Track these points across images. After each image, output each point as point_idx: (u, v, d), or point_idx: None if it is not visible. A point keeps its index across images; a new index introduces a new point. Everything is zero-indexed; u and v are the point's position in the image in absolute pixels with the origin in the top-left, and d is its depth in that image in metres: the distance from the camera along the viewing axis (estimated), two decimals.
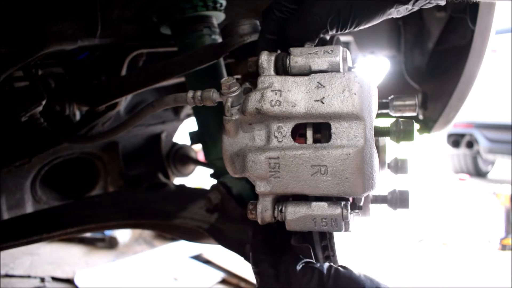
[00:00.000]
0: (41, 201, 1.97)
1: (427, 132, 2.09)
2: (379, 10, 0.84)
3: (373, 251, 4.30)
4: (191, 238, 1.65)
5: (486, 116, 6.97)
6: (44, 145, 1.61)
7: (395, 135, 0.87)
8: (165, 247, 4.27)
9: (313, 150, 0.81)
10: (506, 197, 4.69)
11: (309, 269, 0.85)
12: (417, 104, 0.95)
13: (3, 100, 1.32)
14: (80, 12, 1.21)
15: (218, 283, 3.55)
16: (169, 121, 2.36)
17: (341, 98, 0.80)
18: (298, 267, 0.86)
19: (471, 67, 1.72)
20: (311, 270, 0.84)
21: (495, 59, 6.55)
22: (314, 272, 0.83)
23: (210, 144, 1.47)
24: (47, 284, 3.52)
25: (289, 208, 0.86)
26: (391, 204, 1.06)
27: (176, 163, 2.36)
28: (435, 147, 8.37)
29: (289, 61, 0.85)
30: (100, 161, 2.14)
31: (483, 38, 1.63)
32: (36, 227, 1.52)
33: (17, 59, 1.15)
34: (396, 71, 2.29)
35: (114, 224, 1.65)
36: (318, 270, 0.84)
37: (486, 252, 4.32)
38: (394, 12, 0.85)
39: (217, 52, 1.20)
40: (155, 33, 1.41)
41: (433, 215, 5.24)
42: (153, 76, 1.30)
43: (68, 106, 1.56)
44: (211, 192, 1.40)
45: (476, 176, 7.56)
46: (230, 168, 0.91)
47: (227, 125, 0.88)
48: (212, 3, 1.32)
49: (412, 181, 6.37)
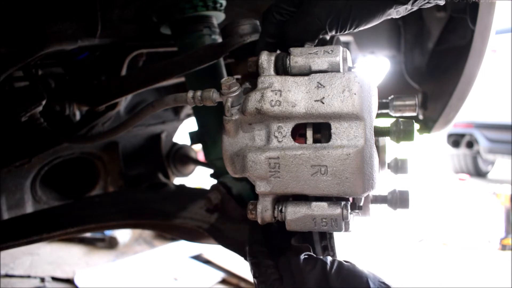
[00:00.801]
0: (41, 201, 1.97)
1: (427, 132, 2.09)
2: (378, 11, 0.84)
3: (373, 251, 4.30)
4: (191, 238, 1.65)
5: (486, 116, 6.97)
6: (44, 145, 1.61)
7: (395, 135, 0.87)
8: (165, 247, 4.27)
9: (313, 150, 0.81)
10: (506, 197, 4.69)
11: (313, 260, 0.85)
12: (417, 104, 0.95)
13: (3, 100, 1.31)
14: (80, 12, 1.21)
15: (218, 283, 3.55)
16: (169, 121, 2.36)
17: (341, 98, 0.80)
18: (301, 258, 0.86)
19: (471, 67, 1.72)
20: (315, 261, 0.85)
21: (495, 59, 6.54)
22: (317, 262, 0.84)
23: (210, 144, 1.47)
24: (47, 284, 3.52)
25: (289, 208, 0.86)
26: (391, 204, 1.06)
27: (176, 163, 2.36)
28: (435, 147, 8.37)
29: (289, 61, 0.85)
30: (100, 161, 2.14)
31: (483, 38, 1.62)
32: (36, 227, 1.52)
33: (17, 59, 1.15)
34: (396, 71, 2.29)
35: (114, 224, 1.65)
36: (322, 261, 0.84)
37: (486, 252, 4.32)
38: (394, 12, 0.85)
39: (217, 52, 1.20)
40: (155, 33, 1.41)
41: (433, 215, 5.24)
42: (153, 76, 1.30)
43: (68, 106, 1.56)
44: (211, 192, 1.40)
45: (476, 176, 7.56)
46: (230, 168, 0.91)
47: (227, 125, 0.88)
48: (212, 3, 1.32)
49: (412, 181, 6.37)
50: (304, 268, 0.84)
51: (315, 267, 0.83)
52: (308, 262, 0.85)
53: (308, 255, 0.88)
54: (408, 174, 1.11)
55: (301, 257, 0.86)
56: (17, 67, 1.17)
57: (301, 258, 0.86)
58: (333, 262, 0.84)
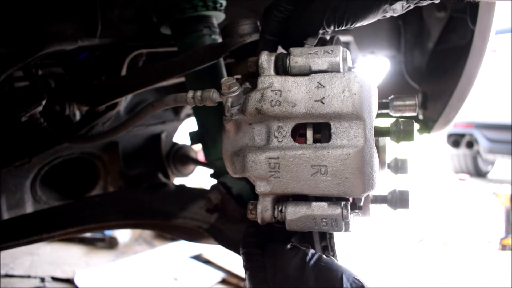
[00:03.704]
0: (41, 201, 1.97)
1: (427, 132, 2.09)
2: (374, 7, 0.85)
3: (373, 251, 4.30)
4: (191, 238, 1.65)
5: (486, 116, 6.96)
6: (44, 145, 1.61)
7: (395, 135, 0.87)
8: (165, 247, 4.27)
9: (313, 150, 0.81)
10: (506, 197, 4.68)
11: (296, 249, 0.89)
12: (417, 104, 0.95)
13: (3, 100, 1.31)
14: (80, 12, 1.21)
15: (218, 283, 3.55)
16: (169, 121, 2.36)
17: (341, 98, 0.80)
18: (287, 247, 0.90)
19: (471, 67, 1.72)
20: (297, 250, 0.88)
21: (495, 59, 6.54)
22: (299, 252, 0.87)
23: (210, 144, 1.47)
24: (47, 284, 3.52)
25: (289, 208, 0.86)
26: (391, 204, 1.06)
27: (176, 163, 2.36)
28: (435, 147, 8.37)
29: (289, 61, 0.85)
30: (100, 161, 2.14)
31: (483, 38, 1.62)
32: (36, 227, 1.52)
33: (17, 59, 1.15)
34: (396, 71, 2.29)
35: (114, 224, 1.65)
36: (303, 251, 0.88)
37: (486, 252, 4.31)
38: (390, 9, 0.85)
39: (217, 52, 1.20)
40: (155, 33, 1.41)
41: (433, 215, 5.24)
42: (153, 76, 1.30)
43: (68, 106, 1.56)
44: (211, 192, 1.40)
45: (476, 176, 7.55)
46: (230, 168, 0.91)
47: (227, 125, 0.88)
48: (212, 3, 1.32)
49: (412, 181, 6.37)
50: (285, 256, 0.87)
51: (296, 256, 0.86)
52: (291, 251, 0.88)
53: (294, 245, 0.91)
54: (408, 174, 1.11)
55: (287, 246, 0.90)
56: (17, 67, 1.17)
57: (287, 247, 0.89)
58: (314, 254, 0.87)
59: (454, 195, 5.38)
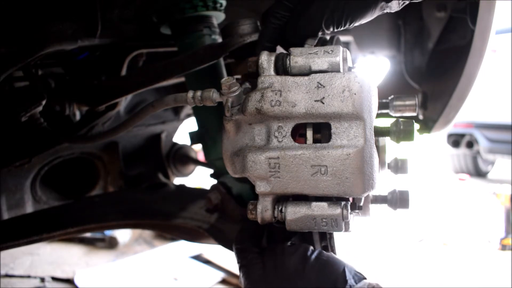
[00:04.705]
0: (41, 201, 1.97)
1: (427, 132, 2.09)
2: (371, 5, 0.85)
3: (373, 251, 4.30)
4: (191, 238, 1.65)
5: (486, 116, 6.96)
6: (44, 145, 1.61)
7: (395, 135, 0.87)
8: (165, 247, 4.27)
9: (313, 150, 0.81)
10: (506, 197, 4.68)
11: (296, 245, 0.89)
12: (417, 104, 0.95)
13: (3, 100, 1.31)
14: (80, 12, 1.21)
15: (218, 283, 3.55)
16: (169, 121, 2.36)
17: (341, 98, 0.80)
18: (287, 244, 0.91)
19: (471, 67, 1.72)
20: (298, 246, 0.89)
21: (495, 59, 6.54)
22: (300, 247, 0.88)
23: (210, 144, 1.47)
24: (47, 284, 3.52)
25: (289, 208, 0.86)
26: (391, 204, 1.06)
27: (176, 163, 2.36)
28: (435, 147, 8.37)
29: (289, 61, 0.85)
30: (100, 161, 2.14)
31: (483, 38, 1.62)
32: (36, 227, 1.52)
33: (17, 59, 1.15)
34: (396, 71, 2.29)
35: (114, 224, 1.65)
36: (304, 246, 0.88)
37: (486, 252, 4.31)
38: (386, 7, 0.86)
39: (217, 52, 1.20)
40: (155, 33, 1.40)
41: (433, 215, 5.24)
42: (153, 76, 1.30)
43: (68, 106, 1.55)
44: (211, 192, 1.40)
45: (476, 176, 7.55)
46: (230, 168, 0.91)
47: (227, 125, 0.88)
48: (212, 3, 1.32)
49: (412, 181, 6.37)
50: (286, 251, 0.87)
51: (297, 251, 0.87)
52: (292, 247, 0.89)
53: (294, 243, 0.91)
54: (408, 174, 1.11)
55: (288, 243, 0.90)
56: (17, 67, 1.17)
57: (287, 244, 0.90)
58: (314, 249, 0.88)
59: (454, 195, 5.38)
